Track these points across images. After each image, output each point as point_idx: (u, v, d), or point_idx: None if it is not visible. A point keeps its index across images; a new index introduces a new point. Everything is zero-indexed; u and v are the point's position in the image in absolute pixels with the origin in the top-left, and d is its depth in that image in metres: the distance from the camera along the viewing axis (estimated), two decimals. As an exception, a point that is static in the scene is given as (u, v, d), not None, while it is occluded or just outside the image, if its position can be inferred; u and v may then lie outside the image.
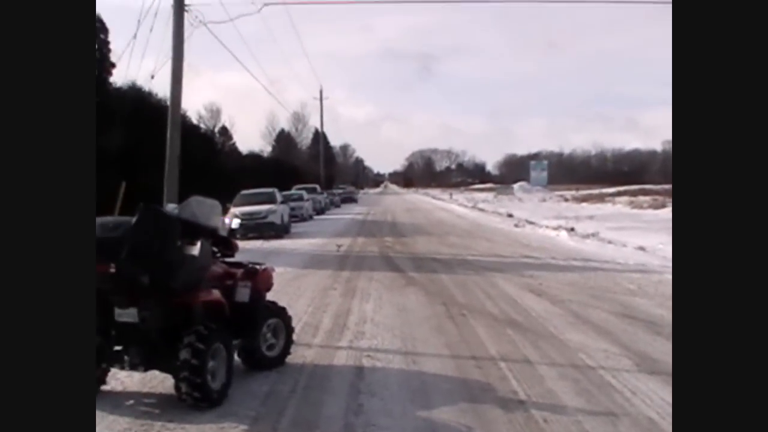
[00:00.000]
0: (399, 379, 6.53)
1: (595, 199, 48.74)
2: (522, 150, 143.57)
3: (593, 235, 21.30)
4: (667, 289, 11.30)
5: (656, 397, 5.79)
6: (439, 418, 5.42)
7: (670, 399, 5.69)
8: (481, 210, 43.06)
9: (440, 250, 19.33)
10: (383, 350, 7.63)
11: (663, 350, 7.33)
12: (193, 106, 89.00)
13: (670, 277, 12.67)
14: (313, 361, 7.28)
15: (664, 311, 9.44)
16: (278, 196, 27.58)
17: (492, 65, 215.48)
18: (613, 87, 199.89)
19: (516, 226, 28.02)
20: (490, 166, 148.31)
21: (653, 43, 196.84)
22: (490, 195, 69.14)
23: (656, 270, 13.72)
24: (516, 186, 75.21)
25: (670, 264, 14.34)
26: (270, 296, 7.25)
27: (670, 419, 5.22)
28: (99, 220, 5.60)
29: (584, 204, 45.52)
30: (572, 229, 23.36)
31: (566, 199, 53.72)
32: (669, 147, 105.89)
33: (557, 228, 24.27)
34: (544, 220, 28.26)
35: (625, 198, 44.98)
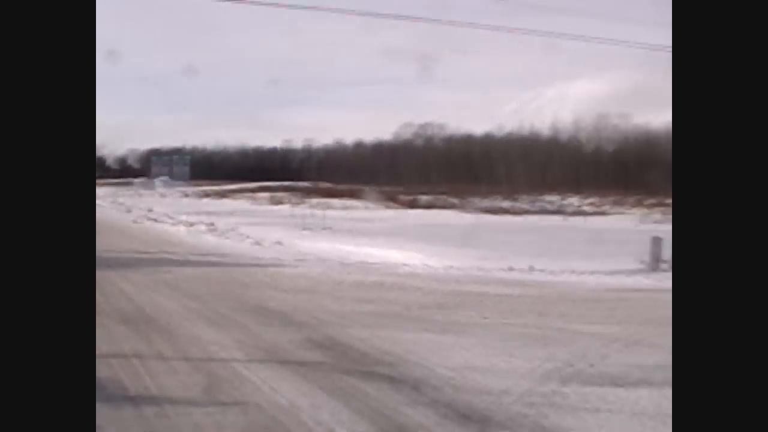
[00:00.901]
0: None
1: (236, 194, 49.41)
2: (162, 144, 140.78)
3: (232, 230, 21.68)
4: (301, 282, 11.87)
5: (266, 387, 5.90)
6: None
7: (276, 386, 5.88)
8: (120, 205, 41.63)
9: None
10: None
11: (274, 341, 7.64)
12: None
13: (302, 270, 13.33)
14: None
15: (292, 302, 9.88)
16: None
17: (147, 60, 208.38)
18: (256, 86, 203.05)
19: (156, 221, 27.59)
20: (132, 160, 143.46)
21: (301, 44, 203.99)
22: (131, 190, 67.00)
23: (290, 264, 14.30)
24: (157, 181, 73.53)
25: (303, 257, 15.09)
26: None
27: (277, 406, 5.38)
28: None
29: (225, 200, 45.98)
30: (212, 225, 23.62)
31: (207, 195, 53.85)
32: (308, 144, 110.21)
33: (194, 224, 24.41)
34: (185, 215, 28.10)
35: (266, 194, 46.14)
